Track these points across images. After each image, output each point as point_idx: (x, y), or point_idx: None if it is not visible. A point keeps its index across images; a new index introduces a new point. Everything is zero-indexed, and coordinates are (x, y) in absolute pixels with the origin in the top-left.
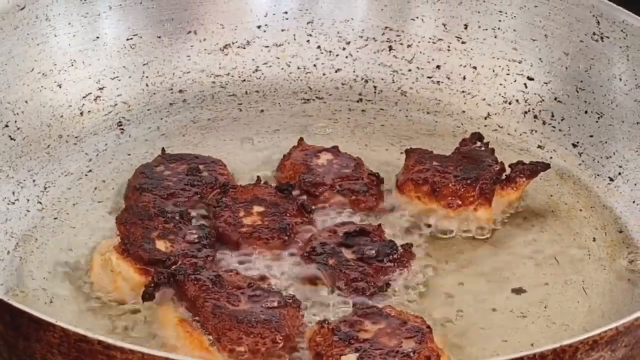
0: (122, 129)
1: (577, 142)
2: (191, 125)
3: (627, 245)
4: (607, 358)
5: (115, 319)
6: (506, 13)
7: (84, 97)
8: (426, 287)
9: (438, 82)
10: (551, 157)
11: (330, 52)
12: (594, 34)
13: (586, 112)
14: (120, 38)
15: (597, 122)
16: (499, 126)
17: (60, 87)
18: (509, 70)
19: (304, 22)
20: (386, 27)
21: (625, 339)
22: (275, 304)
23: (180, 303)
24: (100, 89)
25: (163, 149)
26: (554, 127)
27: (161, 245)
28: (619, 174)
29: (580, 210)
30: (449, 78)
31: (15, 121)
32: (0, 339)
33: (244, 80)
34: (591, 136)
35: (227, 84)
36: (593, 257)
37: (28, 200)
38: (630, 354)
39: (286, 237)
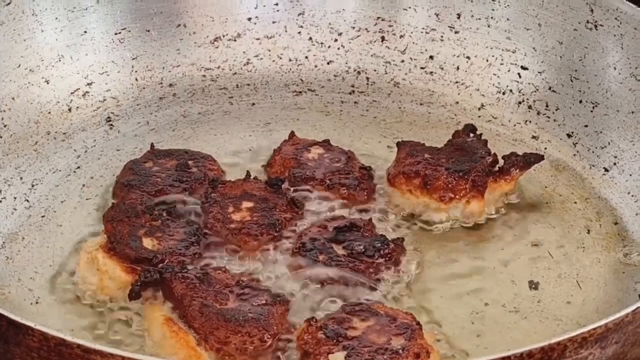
0: (111, 125)
1: (572, 132)
2: (181, 120)
3: (622, 238)
4: (597, 355)
5: (101, 318)
6: (499, 2)
7: (72, 93)
8: (417, 283)
9: (431, 72)
10: (546, 148)
11: (322, 43)
12: (587, 22)
13: (581, 101)
14: (109, 32)
15: (591, 111)
16: (492, 117)
17: (47, 83)
18: (502, 60)
19: (295, 14)
20: (378, 18)
21: (615, 335)
22: (264, 301)
23: (166, 302)
24: (88, 84)
25: (152, 145)
26: (548, 117)
27: (148, 243)
28: (614, 164)
29: (575, 202)
30: (442, 68)
31: (2, 118)
32: None
33: (235, 73)
34: (586, 126)
35: (217, 77)
36: (587, 249)
37: (15, 198)
38: (621, 351)
39: (275, 233)
